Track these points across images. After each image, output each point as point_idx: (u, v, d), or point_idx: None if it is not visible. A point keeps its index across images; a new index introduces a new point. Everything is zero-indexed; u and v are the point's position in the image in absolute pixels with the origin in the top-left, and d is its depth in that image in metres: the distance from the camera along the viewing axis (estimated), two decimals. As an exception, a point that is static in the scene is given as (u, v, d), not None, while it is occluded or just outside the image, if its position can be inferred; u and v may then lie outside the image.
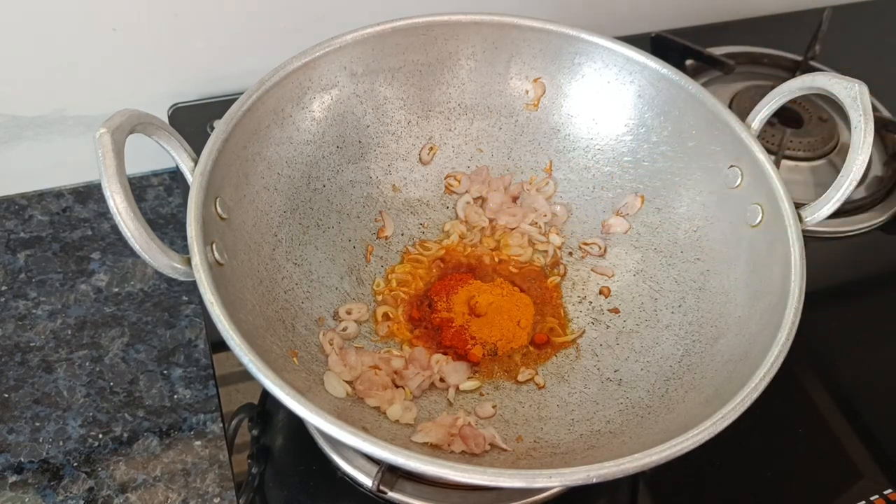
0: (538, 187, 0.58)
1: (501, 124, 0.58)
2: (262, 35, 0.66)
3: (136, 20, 0.61)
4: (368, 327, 0.52)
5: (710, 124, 0.51)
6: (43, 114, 0.63)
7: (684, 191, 0.53)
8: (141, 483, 0.50)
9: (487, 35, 0.55)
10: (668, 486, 0.50)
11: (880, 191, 0.68)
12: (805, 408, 0.55)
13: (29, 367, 0.55)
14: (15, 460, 0.50)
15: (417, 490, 0.46)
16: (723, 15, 0.84)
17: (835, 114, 0.73)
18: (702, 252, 0.52)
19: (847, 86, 0.45)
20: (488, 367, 0.51)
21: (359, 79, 0.53)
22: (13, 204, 0.64)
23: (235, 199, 0.46)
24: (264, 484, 0.49)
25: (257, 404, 0.52)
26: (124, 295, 0.59)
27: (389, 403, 0.46)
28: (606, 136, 0.56)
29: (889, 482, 0.51)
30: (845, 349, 0.59)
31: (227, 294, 0.40)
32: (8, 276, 0.59)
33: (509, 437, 0.46)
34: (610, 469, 0.35)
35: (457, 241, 0.57)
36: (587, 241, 0.57)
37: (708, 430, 0.37)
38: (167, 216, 0.64)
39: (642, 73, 0.54)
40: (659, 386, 0.47)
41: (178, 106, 0.67)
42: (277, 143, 0.50)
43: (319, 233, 0.53)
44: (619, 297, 0.54)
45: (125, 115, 0.38)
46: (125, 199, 0.37)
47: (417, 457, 0.34)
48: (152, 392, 0.54)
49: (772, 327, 0.42)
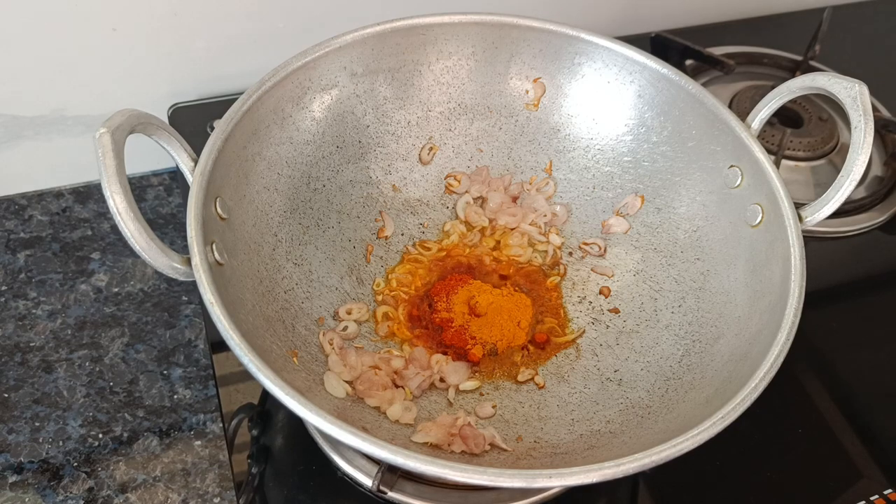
0: (538, 187, 0.58)
1: (501, 124, 0.58)
2: (262, 35, 0.66)
3: (136, 20, 0.61)
4: (368, 327, 0.52)
5: (710, 124, 0.51)
6: (43, 114, 0.63)
7: (684, 191, 0.53)
8: (141, 483, 0.50)
9: (487, 35, 0.55)
10: (668, 486, 0.50)
11: (880, 191, 0.68)
12: (805, 408, 0.55)
13: (29, 367, 0.55)
14: (15, 460, 0.50)
15: (417, 490, 0.46)
16: (723, 15, 0.84)
17: (835, 114, 0.73)
18: (702, 252, 0.52)
19: (847, 86, 0.45)
20: (488, 367, 0.51)
21: (359, 79, 0.53)
22: (13, 204, 0.64)
23: (235, 199, 0.46)
24: (264, 484, 0.49)
25: (257, 404, 0.52)
26: (124, 295, 0.59)
27: (389, 403, 0.46)
28: (606, 136, 0.56)
29: (889, 482, 0.51)
30: (845, 349, 0.59)
31: (227, 294, 0.40)
32: (8, 276, 0.59)
33: (509, 437, 0.46)
34: (610, 469, 0.35)
35: (457, 241, 0.57)
36: (587, 241, 0.57)
37: (708, 430, 0.37)
38: (167, 216, 0.64)
39: (642, 73, 0.54)
40: (659, 386, 0.47)
41: (178, 106, 0.67)
42: (277, 143, 0.50)
43: (319, 233, 0.53)
44: (619, 297, 0.54)
45: (125, 115, 0.38)
46: (125, 199, 0.37)
47: (417, 457, 0.34)
48: (152, 392, 0.54)
49: (772, 327, 0.42)
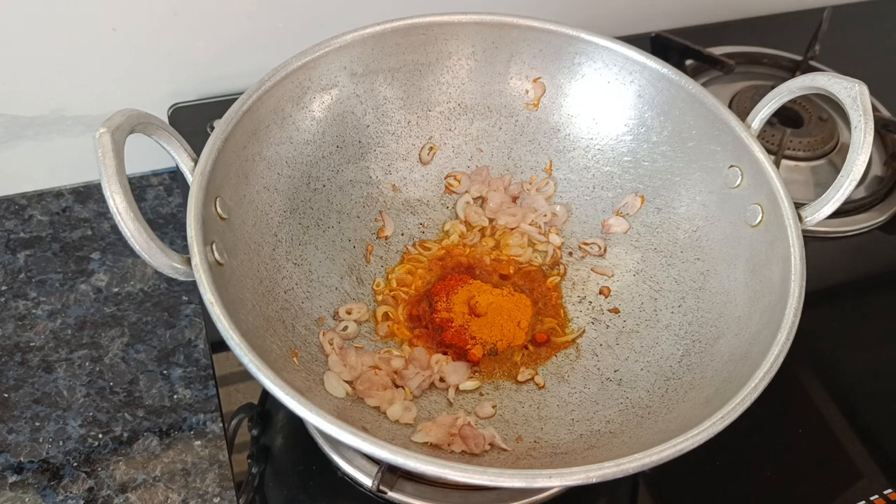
0: (538, 187, 0.58)
1: (501, 124, 0.58)
2: (262, 35, 0.66)
3: (136, 20, 0.61)
4: (368, 327, 0.52)
5: (710, 124, 0.51)
6: (43, 114, 0.63)
7: (684, 191, 0.53)
8: (141, 483, 0.50)
9: (487, 35, 0.55)
10: (668, 486, 0.50)
11: (880, 191, 0.68)
12: (805, 408, 0.55)
13: (29, 367, 0.55)
14: (15, 460, 0.50)
15: (417, 490, 0.46)
16: (723, 15, 0.84)
17: (835, 114, 0.73)
18: (702, 252, 0.52)
19: (847, 86, 0.45)
20: (488, 367, 0.51)
21: (359, 79, 0.53)
22: (13, 204, 0.64)
23: (235, 199, 0.46)
24: (264, 484, 0.49)
25: (257, 404, 0.52)
26: (124, 295, 0.59)
27: (389, 403, 0.46)
28: (606, 136, 0.56)
29: (889, 482, 0.51)
30: (845, 349, 0.59)
31: (227, 294, 0.40)
32: (8, 276, 0.59)
33: (509, 437, 0.46)
34: (610, 469, 0.35)
35: (457, 241, 0.57)
36: (587, 240, 0.57)
37: (708, 430, 0.37)
38: (167, 216, 0.64)
39: (642, 73, 0.54)
40: (659, 386, 0.47)
41: (178, 106, 0.67)
42: (277, 143, 0.50)
43: (319, 233, 0.53)
44: (618, 297, 0.54)
45: (125, 115, 0.38)
46: (125, 199, 0.37)
47: (417, 457, 0.34)
48: (152, 392, 0.54)
49: (772, 327, 0.42)
